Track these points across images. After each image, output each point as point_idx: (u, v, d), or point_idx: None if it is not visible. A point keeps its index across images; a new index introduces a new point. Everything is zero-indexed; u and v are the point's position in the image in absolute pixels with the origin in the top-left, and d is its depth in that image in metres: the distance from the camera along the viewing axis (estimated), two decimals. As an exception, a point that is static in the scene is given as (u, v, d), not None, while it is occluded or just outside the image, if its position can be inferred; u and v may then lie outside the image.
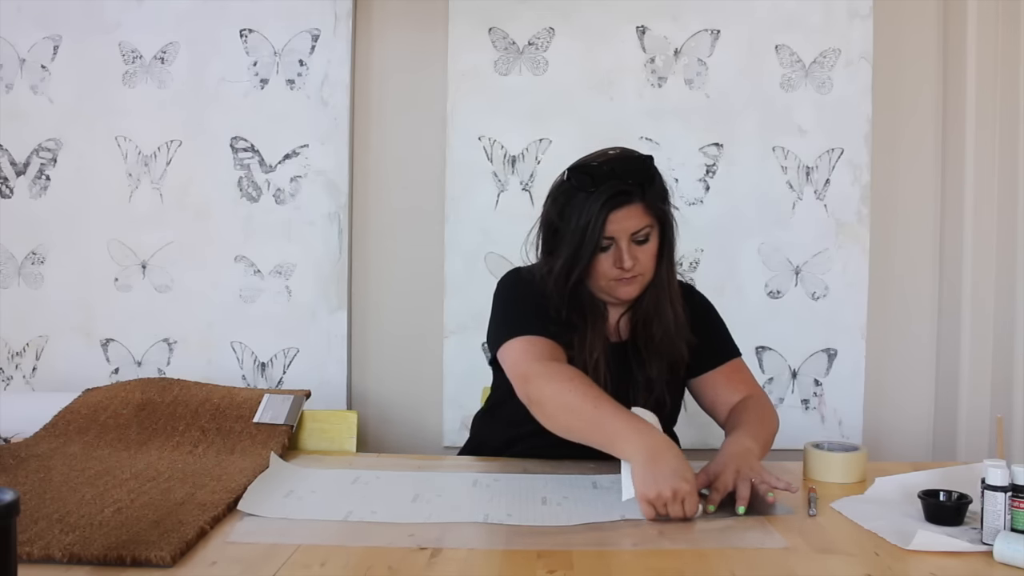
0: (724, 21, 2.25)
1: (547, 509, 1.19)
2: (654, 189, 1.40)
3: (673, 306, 1.46)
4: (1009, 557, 1.00)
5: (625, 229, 1.38)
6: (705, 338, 1.52)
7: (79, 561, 0.98)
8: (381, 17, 2.30)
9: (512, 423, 1.48)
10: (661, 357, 1.46)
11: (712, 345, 1.54)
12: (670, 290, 1.46)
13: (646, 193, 1.38)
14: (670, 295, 1.46)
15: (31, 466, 1.34)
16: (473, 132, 2.26)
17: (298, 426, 1.60)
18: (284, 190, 2.27)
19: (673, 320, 1.45)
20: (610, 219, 1.37)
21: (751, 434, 1.35)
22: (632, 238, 1.39)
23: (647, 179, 1.39)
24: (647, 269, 1.42)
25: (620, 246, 1.38)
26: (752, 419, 1.41)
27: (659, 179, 1.43)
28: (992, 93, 2.20)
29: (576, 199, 1.38)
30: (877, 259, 2.28)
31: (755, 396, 1.50)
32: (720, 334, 1.57)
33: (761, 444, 1.35)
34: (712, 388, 1.52)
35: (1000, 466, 1.06)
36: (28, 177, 2.27)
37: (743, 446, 1.30)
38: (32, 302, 2.27)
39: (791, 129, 2.25)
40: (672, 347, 1.46)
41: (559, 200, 1.42)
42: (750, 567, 1.00)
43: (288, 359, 2.28)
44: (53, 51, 2.26)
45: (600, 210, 1.36)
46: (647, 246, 1.41)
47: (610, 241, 1.39)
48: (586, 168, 1.40)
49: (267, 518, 1.15)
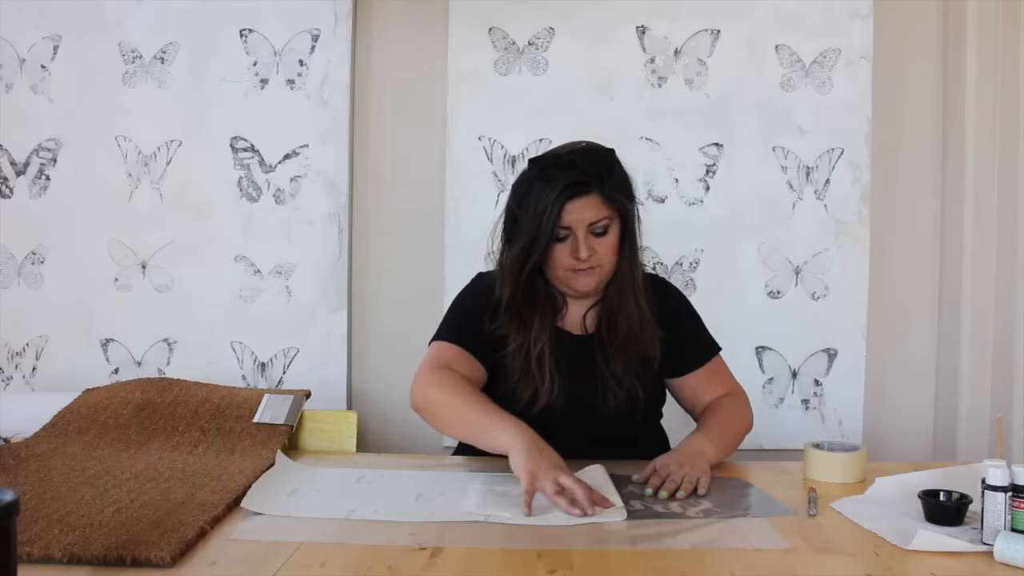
0: (724, 21, 2.25)
1: (546, 508, 1.19)
2: (613, 181, 1.40)
3: (637, 301, 1.45)
4: (1009, 557, 1.00)
5: (582, 219, 1.38)
6: (682, 339, 1.52)
7: (79, 561, 0.98)
8: (381, 17, 2.30)
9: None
10: (627, 352, 1.46)
11: (690, 346, 1.54)
12: (633, 284, 1.45)
13: (604, 184, 1.39)
14: (633, 289, 1.45)
15: (31, 466, 1.33)
16: (473, 132, 2.26)
17: (298, 426, 1.60)
18: (284, 190, 2.27)
19: (638, 315, 1.45)
20: (566, 209, 1.37)
21: (710, 436, 1.41)
22: (590, 229, 1.39)
23: (606, 170, 1.40)
24: (605, 261, 1.42)
25: (577, 236, 1.39)
26: (717, 420, 1.46)
27: (620, 172, 1.44)
28: (992, 93, 2.20)
29: (535, 188, 1.40)
30: (877, 259, 2.28)
31: (730, 395, 1.53)
32: (697, 334, 1.56)
33: (720, 446, 1.41)
34: (692, 390, 1.54)
35: (1000, 466, 1.06)
36: (28, 177, 2.27)
37: (696, 447, 1.37)
38: (32, 302, 2.27)
39: (791, 129, 2.25)
40: (638, 343, 1.46)
41: (520, 189, 1.44)
42: (750, 567, 1.00)
43: (288, 359, 2.28)
44: (53, 51, 2.26)
45: (556, 199, 1.37)
46: (606, 238, 1.41)
47: (567, 231, 1.40)
48: (546, 158, 1.42)
49: (270, 516, 1.15)
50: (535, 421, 1.43)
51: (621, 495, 1.23)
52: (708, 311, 2.18)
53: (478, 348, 1.45)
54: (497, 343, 1.45)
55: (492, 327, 1.45)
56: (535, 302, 1.45)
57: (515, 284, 1.43)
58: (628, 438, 1.51)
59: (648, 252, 2.25)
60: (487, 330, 1.45)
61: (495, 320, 1.45)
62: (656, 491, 1.25)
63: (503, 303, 1.44)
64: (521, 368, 1.43)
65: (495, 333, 1.45)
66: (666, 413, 1.62)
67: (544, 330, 1.44)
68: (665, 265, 2.26)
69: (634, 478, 1.32)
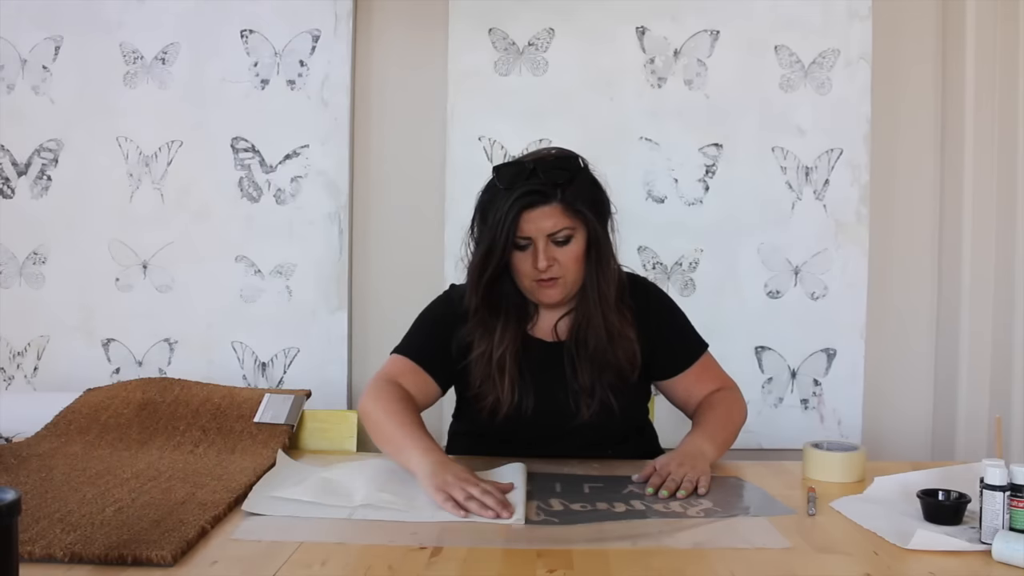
0: (723, 21, 2.25)
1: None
2: (574, 190, 1.38)
3: (606, 314, 1.42)
4: (1008, 556, 1.00)
5: (541, 229, 1.37)
6: (666, 342, 1.51)
7: (80, 560, 0.98)
8: (381, 17, 2.30)
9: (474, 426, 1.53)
10: (596, 364, 1.43)
11: (677, 348, 1.53)
12: (601, 297, 1.42)
13: (564, 194, 1.37)
14: (602, 302, 1.42)
15: (32, 465, 1.34)
16: (473, 132, 2.26)
17: (298, 426, 1.60)
18: (285, 190, 2.27)
19: (605, 328, 1.42)
20: (524, 218, 1.36)
21: (709, 435, 1.40)
22: (550, 239, 1.38)
23: (566, 180, 1.37)
24: (568, 272, 1.40)
25: (537, 246, 1.38)
26: (714, 418, 1.45)
27: (585, 181, 1.41)
28: (991, 93, 2.20)
29: (497, 196, 1.39)
30: (876, 259, 2.28)
31: (723, 390, 1.51)
32: (683, 334, 1.54)
33: (719, 444, 1.40)
34: (684, 390, 1.53)
35: (999, 465, 1.06)
36: (29, 177, 2.27)
37: (696, 447, 1.36)
38: (33, 302, 2.27)
39: (790, 129, 2.26)
40: (606, 356, 1.43)
41: (484, 195, 1.43)
42: (750, 567, 1.01)
43: (288, 359, 2.28)
44: (54, 51, 2.26)
45: (511, 208, 1.36)
46: (568, 248, 1.39)
47: (528, 241, 1.38)
48: (509, 165, 1.41)
49: (271, 516, 1.15)
50: (503, 428, 1.45)
51: (620, 495, 1.24)
52: (708, 311, 2.21)
53: (434, 363, 1.46)
54: (466, 349, 1.45)
55: (462, 333, 1.45)
56: (501, 308, 1.44)
57: (475, 291, 1.42)
58: (611, 441, 1.50)
59: (648, 252, 2.26)
60: (456, 339, 1.46)
61: (467, 326, 1.46)
62: (656, 491, 1.25)
63: (471, 309, 1.45)
64: (483, 374, 1.43)
65: (464, 339, 1.45)
66: (665, 413, 1.62)
67: (507, 336, 1.43)
68: (665, 265, 2.26)
69: (634, 478, 1.32)
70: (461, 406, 1.56)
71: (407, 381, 1.43)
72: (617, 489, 1.28)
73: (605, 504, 1.21)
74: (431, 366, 1.45)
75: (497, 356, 1.41)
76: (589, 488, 1.29)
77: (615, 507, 1.20)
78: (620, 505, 1.21)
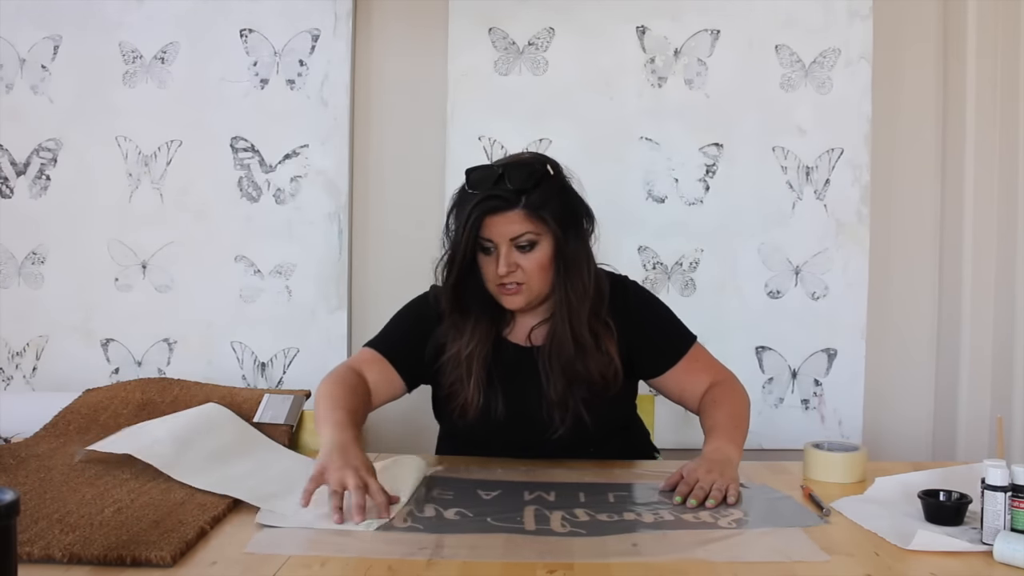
0: (724, 21, 2.25)
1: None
2: (538, 196, 1.37)
3: (574, 327, 1.40)
4: (1009, 557, 1.00)
5: (503, 234, 1.37)
6: (650, 340, 1.50)
7: (79, 561, 0.98)
8: (381, 17, 2.30)
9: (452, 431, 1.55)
10: (567, 375, 1.42)
11: (662, 345, 1.51)
12: (570, 308, 1.40)
13: (527, 199, 1.37)
14: (570, 314, 1.40)
15: (31, 466, 1.34)
16: (473, 132, 2.26)
17: (298, 426, 1.60)
18: (284, 190, 2.27)
19: (573, 341, 1.40)
20: (487, 223, 1.37)
21: (731, 439, 1.37)
22: (514, 244, 1.38)
23: (531, 186, 1.37)
24: (532, 278, 1.39)
25: (500, 251, 1.38)
26: (727, 417, 1.41)
27: (552, 187, 1.40)
28: (992, 93, 2.20)
29: (464, 200, 1.40)
30: (877, 259, 2.28)
31: (721, 382, 1.49)
32: (668, 331, 1.52)
33: (739, 446, 1.38)
34: (677, 384, 1.51)
35: (1000, 466, 1.06)
36: (28, 177, 2.27)
37: (723, 454, 1.33)
38: (32, 302, 2.27)
39: (791, 129, 2.25)
40: (575, 368, 1.41)
41: (454, 198, 1.44)
42: (750, 567, 1.00)
43: (288, 359, 2.28)
44: (53, 51, 2.26)
45: (472, 212, 1.37)
46: (533, 255, 1.38)
47: (491, 245, 1.39)
48: (478, 169, 1.42)
49: (285, 528, 1.11)
50: (477, 431, 1.45)
51: (648, 505, 1.22)
52: (708, 311, 2.21)
53: (401, 357, 1.47)
54: (441, 350, 1.46)
55: (438, 333, 1.46)
56: (472, 310, 1.44)
57: (444, 292, 1.44)
58: (588, 446, 1.49)
59: (648, 252, 2.26)
60: (432, 339, 1.46)
61: (442, 327, 1.47)
62: (684, 499, 1.22)
63: (445, 310, 1.45)
64: (454, 375, 1.43)
65: (439, 340, 1.46)
66: (666, 412, 1.61)
67: (476, 337, 1.43)
68: (665, 265, 2.26)
69: (660, 487, 1.30)
70: (437, 408, 1.56)
71: (369, 371, 1.45)
72: (644, 497, 1.27)
73: (633, 515, 1.18)
74: (397, 360, 1.46)
75: (465, 355, 1.42)
76: (614, 497, 1.27)
77: (643, 517, 1.17)
78: (648, 515, 1.18)
